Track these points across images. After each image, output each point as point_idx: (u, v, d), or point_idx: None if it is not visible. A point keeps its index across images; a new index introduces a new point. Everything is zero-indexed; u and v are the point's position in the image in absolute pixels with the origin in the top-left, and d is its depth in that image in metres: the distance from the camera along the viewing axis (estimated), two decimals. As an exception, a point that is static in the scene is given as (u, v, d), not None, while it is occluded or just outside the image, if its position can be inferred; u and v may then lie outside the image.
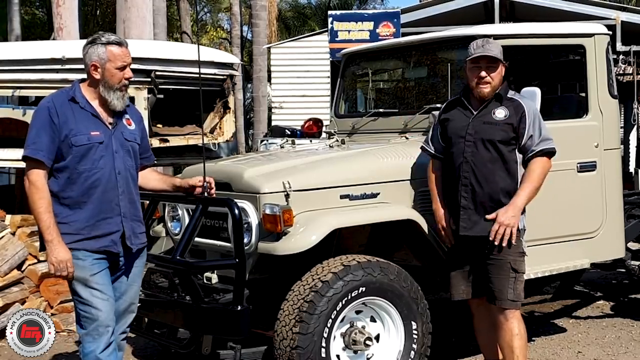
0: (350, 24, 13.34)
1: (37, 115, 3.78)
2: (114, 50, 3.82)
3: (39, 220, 3.71)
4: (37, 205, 3.69)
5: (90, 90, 3.85)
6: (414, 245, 5.11)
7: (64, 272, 3.72)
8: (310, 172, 4.83)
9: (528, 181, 4.38)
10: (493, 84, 4.40)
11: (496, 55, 4.39)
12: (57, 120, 3.72)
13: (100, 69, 3.81)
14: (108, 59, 3.80)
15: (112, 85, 3.83)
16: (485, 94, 4.42)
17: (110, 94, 3.83)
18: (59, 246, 3.70)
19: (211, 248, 4.92)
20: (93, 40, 3.85)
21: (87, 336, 3.80)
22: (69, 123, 3.74)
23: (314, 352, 4.33)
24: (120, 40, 3.89)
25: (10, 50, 8.58)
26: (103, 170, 3.79)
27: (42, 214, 3.69)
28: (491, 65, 4.40)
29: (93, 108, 3.83)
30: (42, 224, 3.70)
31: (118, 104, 3.86)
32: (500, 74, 4.42)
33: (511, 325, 4.42)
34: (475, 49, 4.41)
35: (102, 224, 3.79)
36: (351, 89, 6.50)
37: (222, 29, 37.01)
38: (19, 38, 19.10)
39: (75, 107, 3.79)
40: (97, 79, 3.82)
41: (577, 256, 5.51)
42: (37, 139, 3.71)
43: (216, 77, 8.65)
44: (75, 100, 3.80)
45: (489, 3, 13.91)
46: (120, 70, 3.83)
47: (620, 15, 13.03)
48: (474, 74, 4.42)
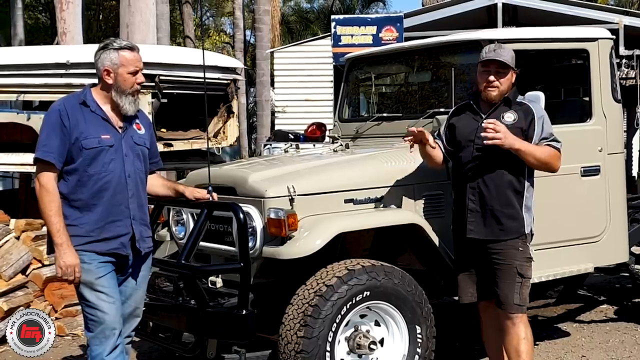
0: (353, 28, 13.32)
1: (48, 118, 3.81)
2: (126, 55, 3.86)
3: (48, 223, 3.73)
4: (48, 208, 3.71)
5: (102, 94, 3.89)
6: (418, 250, 5.11)
7: (70, 277, 3.74)
8: (315, 177, 4.84)
9: (535, 146, 4.39)
10: (501, 89, 4.42)
11: (506, 60, 4.41)
12: (68, 123, 3.75)
13: (112, 74, 3.84)
14: (121, 64, 3.84)
15: (125, 90, 3.86)
16: (491, 97, 4.44)
17: (122, 98, 3.86)
18: (68, 250, 3.72)
19: (216, 252, 4.93)
20: (105, 46, 3.88)
21: (94, 339, 3.82)
22: (79, 126, 3.77)
23: (319, 356, 4.33)
24: (132, 45, 3.93)
25: (14, 54, 8.61)
26: (113, 173, 3.81)
27: (52, 217, 3.71)
28: (500, 70, 4.41)
29: (103, 112, 3.86)
30: (52, 227, 3.72)
31: (130, 108, 3.89)
32: (509, 80, 4.44)
33: (518, 329, 4.43)
34: (487, 52, 4.43)
35: (111, 226, 3.82)
36: (354, 94, 6.50)
37: (225, 33, 37.08)
38: (23, 42, 19.15)
39: (86, 111, 3.82)
40: (110, 83, 3.86)
41: (580, 260, 5.51)
42: (47, 142, 3.75)
43: (220, 81, 8.66)
44: (86, 104, 3.83)
45: (492, 7, 13.89)
46: (132, 75, 3.87)
47: (623, 20, 13.01)
48: (483, 77, 4.45)
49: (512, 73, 4.45)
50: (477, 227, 4.44)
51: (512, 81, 4.46)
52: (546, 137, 4.40)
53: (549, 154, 4.41)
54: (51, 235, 3.75)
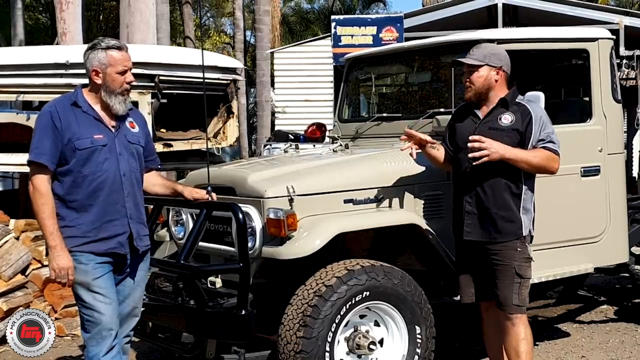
0: (354, 28, 13.33)
1: (39, 120, 3.81)
2: (114, 54, 3.84)
3: (42, 225, 3.73)
4: (41, 210, 3.71)
5: (92, 95, 3.87)
6: (418, 250, 5.11)
7: (64, 280, 3.75)
8: (314, 177, 4.83)
9: (528, 152, 4.35)
10: (474, 88, 4.43)
11: (467, 60, 4.42)
12: (60, 124, 3.74)
13: (101, 74, 3.83)
14: (109, 64, 3.82)
15: (114, 90, 3.84)
16: (467, 97, 4.49)
17: (112, 98, 3.85)
18: (61, 253, 3.71)
19: (215, 252, 4.92)
20: (93, 46, 3.87)
21: (91, 340, 3.82)
22: (71, 127, 3.76)
23: (318, 357, 4.33)
24: (120, 44, 3.90)
25: (14, 55, 8.60)
26: (108, 173, 3.80)
27: (45, 219, 3.71)
28: (470, 69, 4.43)
29: (95, 112, 3.85)
30: (46, 230, 3.72)
31: (120, 108, 3.88)
32: (483, 78, 4.41)
33: (518, 330, 4.43)
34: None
35: (108, 226, 3.81)
36: (354, 94, 6.50)
37: (225, 33, 37.09)
38: (23, 43, 19.15)
39: (78, 112, 3.81)
40: (99, 84, 3.84)
41: (580, 260, 5.51)
42: (39, 144, 3.74)
43: (220, 81, 8.66)
44: (78, 105, 3.82)
45: (492, 8, 13.89)
46: (121, 74, 3.85)
47: (624, 20, 13.02)
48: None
49: (491, 69, 4.41)
50: (474, 230, 4.43)
51: (493, 78, 4.41)
52: (543, 139, 4.37)
53: (544, 158, 4.37)
54: (45, 237, 3.75)
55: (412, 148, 4.60)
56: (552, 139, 4.40)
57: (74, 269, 3.74)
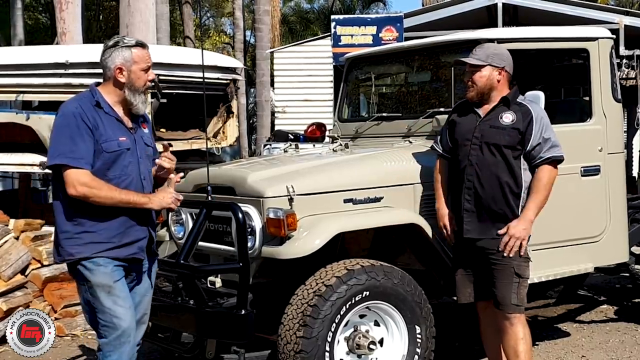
0: (353, 28, 13.32)
1: (67, 123, 3.64)
2: (138, 52, 3.77)
3: (127, 202, 3.64)
4: (110, 196, 3.60)
5: (111, 94, 3.77)
6: (418, 250, 5.11)
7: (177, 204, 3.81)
8: (314, 176, 4.83)
9: (536, 191, 4.37)
10: (477, 88, 4.44)
11: (470, 60, 4.43)
12: (90, 124, 3.63)
13: (126, 72, 3.74)
14: (134, 61, 3.74)
15: (138, 88, 3.77)
16: (469, 97, 4.49)
17: (136, 97, 3.77)
18: (156, 193, 3.76)
19: (215, 252, 4.92)
20: (116, 43, 3.76)
21: (108, 345, 3.71)
22: (99, 129, 3.65)
23: (318, 356, 4.33)
24: (142, 42, 3.84)
25: (13, 54, 8.61)
26: (131, 177, 3.73)
27: (122, 198, 3.62)
28: (472, 69, 4.44)
29: (116, 113, 3.76)
30: (131, 200, 3.65)
31: (142, 107, 3.81)
32: (485, 78, 4.42)
33: (516, 329, 4.42)
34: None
35: (131, 231, 3.72)
36: (354, 94, 6.49)
37: (225, 33, 37.09)
38: (22, 43, 19.17)
39: (101, 112, 3.70)
40: (123, 82, 3.74)
41: (580, 260, 5.50)
42: (74, 147, 3.59)
43: (219, 81, 8.66)
44: (100, 105, 3.71)
45: (492, 7, 13.89)
46: (145, 72, 3.78)
47: (624, 20, 13.02)
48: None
49: (493, 69, 4.42)
50: (474, 227, 4.43)
51: (495, 78, 4.42)
52: (539, 143, 4.36)
53: (549, 180, 4.40)
54: (139, 205, 3.68)
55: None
56: (555, 143, 4.40)
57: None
